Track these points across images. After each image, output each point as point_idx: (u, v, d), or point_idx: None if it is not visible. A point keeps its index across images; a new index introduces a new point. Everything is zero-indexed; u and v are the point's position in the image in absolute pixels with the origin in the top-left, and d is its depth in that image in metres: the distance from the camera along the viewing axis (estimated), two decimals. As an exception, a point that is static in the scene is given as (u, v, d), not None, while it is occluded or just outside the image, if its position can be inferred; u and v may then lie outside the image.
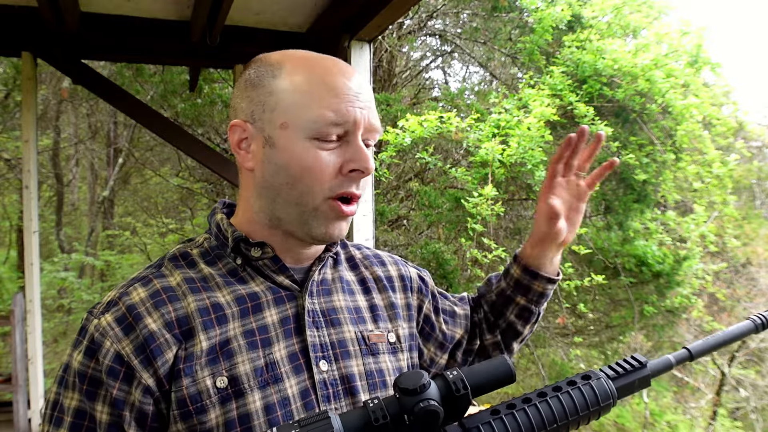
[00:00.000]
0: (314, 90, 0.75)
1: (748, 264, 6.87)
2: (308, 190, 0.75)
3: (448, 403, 0.60)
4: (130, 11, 2.98)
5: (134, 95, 4.32)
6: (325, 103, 0.74)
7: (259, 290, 0.79)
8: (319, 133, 0.74)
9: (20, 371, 3.37)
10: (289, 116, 0.75)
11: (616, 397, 0.67)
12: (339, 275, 0.89)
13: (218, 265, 0.81)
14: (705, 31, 5.44)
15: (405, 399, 0.58)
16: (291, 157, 0.75)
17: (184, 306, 0.75)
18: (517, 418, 0.62)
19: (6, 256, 8.53)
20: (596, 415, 0.66)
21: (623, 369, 0.69)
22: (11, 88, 6.82)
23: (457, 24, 7.04)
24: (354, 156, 0.75)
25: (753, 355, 6.73)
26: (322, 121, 0.74)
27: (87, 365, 0.72)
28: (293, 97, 0.75)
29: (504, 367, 0.63)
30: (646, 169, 5.11)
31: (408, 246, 6.02)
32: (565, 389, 0.65)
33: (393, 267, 0.96)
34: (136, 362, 0.71)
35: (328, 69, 0.77)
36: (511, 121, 4.58)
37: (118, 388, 0.71)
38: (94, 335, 0.73)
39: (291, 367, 0.76)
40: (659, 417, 6.79)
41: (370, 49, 2.95)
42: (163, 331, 0.72)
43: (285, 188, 0.76)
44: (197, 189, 7.83)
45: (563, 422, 0.64)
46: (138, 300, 0.75)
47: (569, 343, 6.07)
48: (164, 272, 0.79)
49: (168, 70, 6.34)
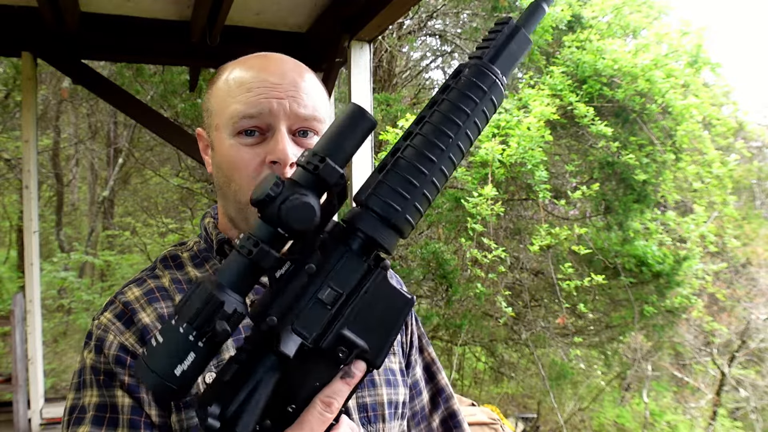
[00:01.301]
0: (230, 87, 0.77)
1: (748, 264, 6.87)
2: (238, 186, 0.76)
3: (316, 189, 0.52)
4: (130, 11, 2.98)
5: (134, 95, 4.31)
6: (237, 98, 0.75)
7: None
8: (236, 128, 0.75)
9: (20, 371, 3.37)
10: (218, 117, 0.78)
11: (500, 74, 0.58)
12: None
13: (205, 267, 0.83)
14: (705, 31, 5.44)
15: (266, 212, 0.51)
16: (222, 156, 0.77)
17: (173, 304, 0.77)
18: (409, 159, 0.54)
19: (6, 256, 8.53)
20: (491, 108, 0.58)
21: (490, 40, 0.59)
22: (11, 88, 6.82)
23: (457, 24, 7.04)
24: (272, 147, 0.74)
25: (753, 355, 6.73)
26: (234, 116, 0.74)
27: (99, 360, 0.74)
28: (221, 98, 0.78)
29: (357, 110, 0.54)
30: (646, 169, 5.11)
31: (408, 246, 6.03)
32: (440, 98, 0.56)
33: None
34: (140, 351, 0.72)
35: (251, 65, 0.78)
36: (511, 121, 4.58)
37: (129, 375, 0.72)
38: (98, 333, 0.75)
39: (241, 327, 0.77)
40: (659, 417, 6.79)
41: (370, 49, 2.95)
42: (155, 324, 0.75)
43: (225, 188, 0.78)
44: (197, 189, 7.83)
45: (463, 137, 0.55)
46: (133, 297, 0.77)
47: (569, 343, 6.07)
48: (157, 273, 0.82)
49: (168, 70, 6.34)
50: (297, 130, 0.76)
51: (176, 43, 3.17)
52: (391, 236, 0.55)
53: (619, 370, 7.04)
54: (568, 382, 6.40)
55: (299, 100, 0.76)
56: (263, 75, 0.76)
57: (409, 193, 0.54)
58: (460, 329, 5.44)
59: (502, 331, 6.16)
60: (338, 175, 0.53)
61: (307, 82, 0.78)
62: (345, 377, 0.56)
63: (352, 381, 0.57)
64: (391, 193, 0.54)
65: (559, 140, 5.73)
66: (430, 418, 0.94)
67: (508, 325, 5.96)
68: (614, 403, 7.28)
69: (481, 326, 5.79)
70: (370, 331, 0.55)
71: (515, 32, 0.59)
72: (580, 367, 6.71)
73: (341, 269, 0.54)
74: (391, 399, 0.84)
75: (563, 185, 5.44)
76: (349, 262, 0.55)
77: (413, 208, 0.55)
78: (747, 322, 6.69)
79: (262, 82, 0.75)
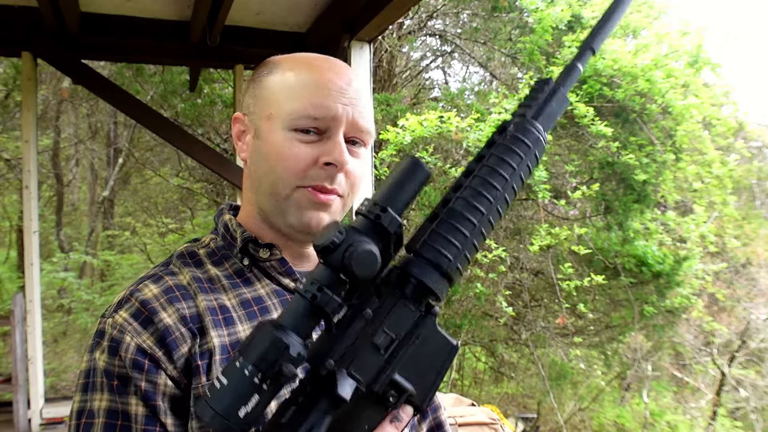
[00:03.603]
0: (299, 83, 0.77)
1: (748, 264, 6.87)
2: (280, 178, 0.76)
3: (377, 237, 0.54)
4: (130, 11, 2.98)
5: (134, 95, 4.31)
6: (306, 96, 0.76)
7: (264, 293, 0.79)
8: (297, 124, 0.76)
9: (20, 371, 3.37)
10: (273, 108, 0.78)
11: (542, 131, 0.61)
12: None
13: (224, 265, 0.80)
14: (705, 31, 5.44)
15: (330, 259, 0.53)
16: (270, 146, 0.77)
17: (196, 304, 0.75)
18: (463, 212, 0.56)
19: (6, 256, 8.53)
20: (534, 162, 0.61)
21: (533, 99, 0.63)
22: (11, 88, 6.82)
23: (457, 24, 7.04)
24: (330, 149, 0.75)
25: (753, 355, 6.73)
26: (300, 113, 0.75)
27: (112, 363, 0.70)
28: (280, 90, 0.78)
29: (414, 162, 0.56)
30: (646, 169, 5.11)
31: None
32: (488, 153, 0.60)
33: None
34: (160, 354, 0.70)
35: (318, 66, 0.79)
36: (511, 121, 4.58)
37: (146, 380, 0.70)
38: (113, 333, 0.71)
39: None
40: (659, 417, 6.79)
41: (370, 49, 2.95)
42: (178, 325, 0.72)
43: (264, 178, 0.78)
44: (197, 189, 7.83)
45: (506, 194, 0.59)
46: (151, 296, 0.74)
47: (569, 344, 6.07)
48: (174, 270, 0.79)
49: (168, 70, 6.34)
50: (350, 138, 0.78)
51: (176, 43, 3.17)
52: (443, 284, 0.58)
53: (619, 370, 7.04)
54: (568, 382, 6.40)
55: (361, 110, 0.78)
56: (332, 78, 0.77)
57: (460, 243, 0.57)
58: (460, 329, 5.44)
59: (502, 331, 6.16)
60: (398, 224, 0.55)
61: (367, 94, 0.81)
62: (394, 421, 0.58)
63: (400, 425, 0.58)
64: (443, 243, 0.57)
65: (559, 140, 5.73)
66: (417, 427, 0.94)
67: (508, 325, 5.96)
68: (614, 403, 7.28)
69: (481, 326, 5.79)
70: (419, 375, 0.58)
71: (555, 92, 0.63)
72: (580, 367, 6.71)
73: (396, 315, 0.57)
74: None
75: (563, 185, 5.44)
76: (402, 308, 0.57)
77: (463, 257, 0.58)
78: (747, 322, 6.69)
79: (330, 85, 0.76)
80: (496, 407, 2.62)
